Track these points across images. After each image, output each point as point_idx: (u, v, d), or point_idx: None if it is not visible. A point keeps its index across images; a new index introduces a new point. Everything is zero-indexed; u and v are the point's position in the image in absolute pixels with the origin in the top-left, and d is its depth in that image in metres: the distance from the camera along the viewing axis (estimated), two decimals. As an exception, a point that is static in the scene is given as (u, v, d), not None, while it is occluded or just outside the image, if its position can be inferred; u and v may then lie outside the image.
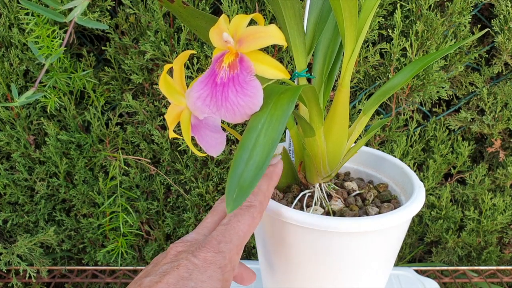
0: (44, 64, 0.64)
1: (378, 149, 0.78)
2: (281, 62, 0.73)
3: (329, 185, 0.46)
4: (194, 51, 0.36)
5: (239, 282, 0.41)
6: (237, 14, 0.68)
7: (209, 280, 0.32)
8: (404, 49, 0.72)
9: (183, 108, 0.36)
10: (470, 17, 0.70)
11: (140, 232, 0.80)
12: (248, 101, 0.30)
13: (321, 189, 0.45)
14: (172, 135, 0.37)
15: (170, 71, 0.36)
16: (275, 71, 0.31)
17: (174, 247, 0.35)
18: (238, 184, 0.28)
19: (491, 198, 0.78)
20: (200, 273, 0.32)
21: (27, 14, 0.65)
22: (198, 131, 0.36)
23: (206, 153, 0.37)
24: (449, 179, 0.83)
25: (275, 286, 0.47)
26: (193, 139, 0.37)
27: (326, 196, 0.45)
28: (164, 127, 0.78)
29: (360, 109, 0.75)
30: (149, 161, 0.79)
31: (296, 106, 0.52)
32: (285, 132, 0.52)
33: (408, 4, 0.71)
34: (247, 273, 0.41)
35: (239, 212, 0.35)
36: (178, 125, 0.37)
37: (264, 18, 0.71)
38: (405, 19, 0.73)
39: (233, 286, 0.45)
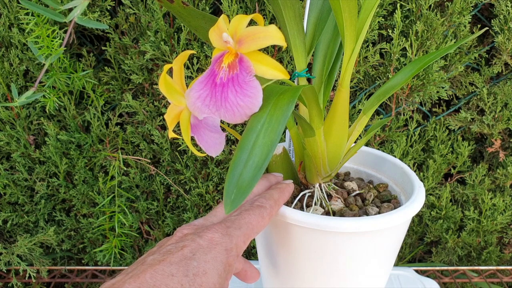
0: (44, 64, 0.64)
1: (378, 149, 0.78)
2: (281, 62, 0.73)
3: (329, 185, 0.46)
4: (193, 51, 0.36)
5: (242, 279, 0.41)
6: (237, 14, 0.68)
7: (213, 261, 0.32)
8: (404, 49, 0.72)
9: (182, 108, 0.36)
10: (470, 17, 0.70)
11: (136, 235, 0.80)
12: (248, 102, 0.30)
13: (321, 189, 0.45)
14: (171, 135, 0.37)
15: (170, 71, 0.36)
16: (275, 71, 0.31)
17: (180, 230, 0.35)
18: (236, 185, 0.28)
19: (491, 198, 0.78)
20: (204, 253, 0.32)
21: (27, 14, 0.65)
22: (198, 131, 0.36)
23: (205, 153, 0.37)
24: (449, 179, 0.83)
25: (275, 286, 0.47)
26: (192, 139, 0.37)
27: (326, 196, 0.45)
28: (164, 127, 0.78)
29: (360, 109, 0.75)
30: (149, 161, 0.79)
31: (296, 106, 0.52)
32: (285, 132, 0.52)
33: (408, 4, 0.71)
34: (252, 271, 0.41)
35: (250, 208, 0.36)
36: (178, 125, 0.37)
37: (264, 18, 0.71)
38: (405, 19, 0.73)
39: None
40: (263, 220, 0.36)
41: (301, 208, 0.44)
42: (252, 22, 0.32)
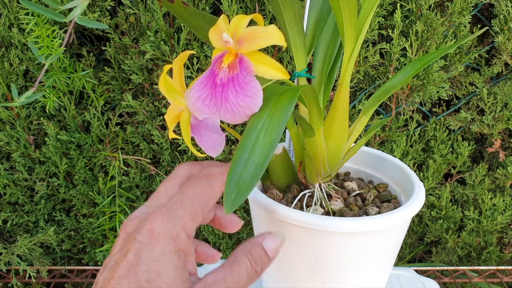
0: (44, 64, 0.64)
1: (378, 149, 0.78)
2: (281, 62, 0.73)
3: (329, 185, 0.46)
4: (193, 52, 0.36)
5: (220, 228, 0.36)
6: (237, 14, 0.68)
7: (161, 257, 0.28)
8: (404, 49, 0.72)
9: (182, 108, 0.35)
10: (470, 17, 0.70)
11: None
12: (248, 102, 0.30)
13: (321, 189, 0.45)
14: (172, 135, 0.37)
15: (170, 72, 0.36)
16: (275, 71, 0.31)
17: (123, 228, 0.31)
18: (237, 185, 0.28)
19: (491, 198, 0.78)
20: (149, 251, 0.28)
21: (27, 14, 0.65)
22: (198, 131, 0.36)
23: (205, 153, 0.37)
24: (449, 179, 0.83)
25: (275, 286, 0.47)
26: (192, 139, 0.37)
27: (326, 196, 0.45)
28: (164, 127, 0.78)
29: (360, 109, 0.75)
30: (149, 161, 0.79)
31: (296, 106, 0.52)
32: (285, 132, 0.52)
33: (408, 4, 0.71)
34: (226, 218, 0.36)
35: (195, 179, 0.32)
36: (178, 125, 0.37)
37: (264, 18, 0.71)
38: (405, 19, 0.73)
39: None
40: (213, 188, 0.32)
41: (301, 208, 0.44)
42: (252, 22, 0.32)
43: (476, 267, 0.81)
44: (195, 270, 0.31)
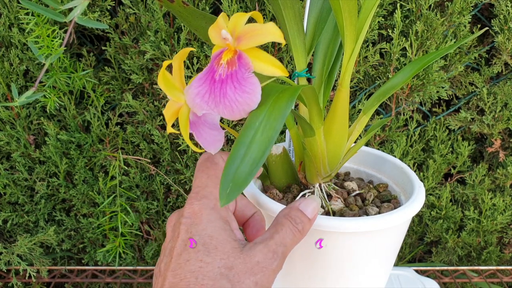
0: (44, 64, 0.64)
1: (378, 149, 0.78)
2: (281, 62, 0.73)
3: (329, 185, 0.46)
4: (193, 49, 0.36)
5: (250, 232, 0.40)
6: (237, 14, 0.68)
7: (209, 223, 0.32)
8: (404, 49, 0.72)
9: (181, 104, 0.36)
10: (470, 17, 0.70)
11: (139, 233, 0.80)
12: (246, 98, 0.30)
13: (321, 189, 0.45)
14: (170, 130, 0.37)
15: (169, 67, 0.36)
16: (273, 68, 0.31)
17: (168, 224, 0.36)
18: (232, 179, 0.28)
19: (491, 198, 0.78)
20: (196, 225, 0.32)
21: (27, 14, 0.65)
22: (197, 128, 0.36)
23: (203, 149, 0.37)
24: (449, 179, 0.83)
25: (275, 286, 0.47)
26: (191, 136, 0.37)
27: (326, 196, 0.45)
28: (164, 127, 0.78)
29: (360, 109, 0.75)
30: (149, 161, 0.79)
31: (296, 106, 0.52)
32: (285, 132, 0.52)
33: (408, 4, 0.71)
34: (260, 219, 0.40)
35: (199, 164, 0.37)
36: (176, 121, 0.37)
37: (264, 18, 0.71)
38: (405, 19, 0.73)
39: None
40: (218, 165, 0.36)
41: (301, 208, 0.44)
42: (252, 21, 0.32)
43: (476, 267, 0.81)
44: (242, 237, 0.34)
